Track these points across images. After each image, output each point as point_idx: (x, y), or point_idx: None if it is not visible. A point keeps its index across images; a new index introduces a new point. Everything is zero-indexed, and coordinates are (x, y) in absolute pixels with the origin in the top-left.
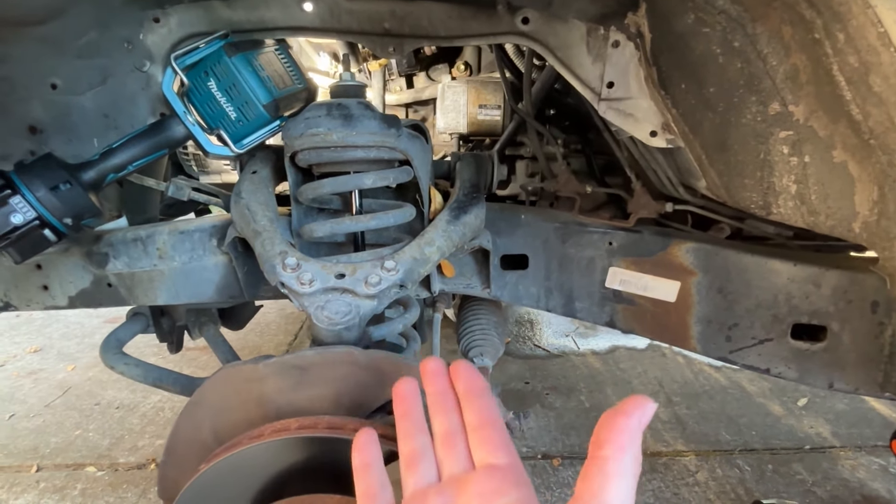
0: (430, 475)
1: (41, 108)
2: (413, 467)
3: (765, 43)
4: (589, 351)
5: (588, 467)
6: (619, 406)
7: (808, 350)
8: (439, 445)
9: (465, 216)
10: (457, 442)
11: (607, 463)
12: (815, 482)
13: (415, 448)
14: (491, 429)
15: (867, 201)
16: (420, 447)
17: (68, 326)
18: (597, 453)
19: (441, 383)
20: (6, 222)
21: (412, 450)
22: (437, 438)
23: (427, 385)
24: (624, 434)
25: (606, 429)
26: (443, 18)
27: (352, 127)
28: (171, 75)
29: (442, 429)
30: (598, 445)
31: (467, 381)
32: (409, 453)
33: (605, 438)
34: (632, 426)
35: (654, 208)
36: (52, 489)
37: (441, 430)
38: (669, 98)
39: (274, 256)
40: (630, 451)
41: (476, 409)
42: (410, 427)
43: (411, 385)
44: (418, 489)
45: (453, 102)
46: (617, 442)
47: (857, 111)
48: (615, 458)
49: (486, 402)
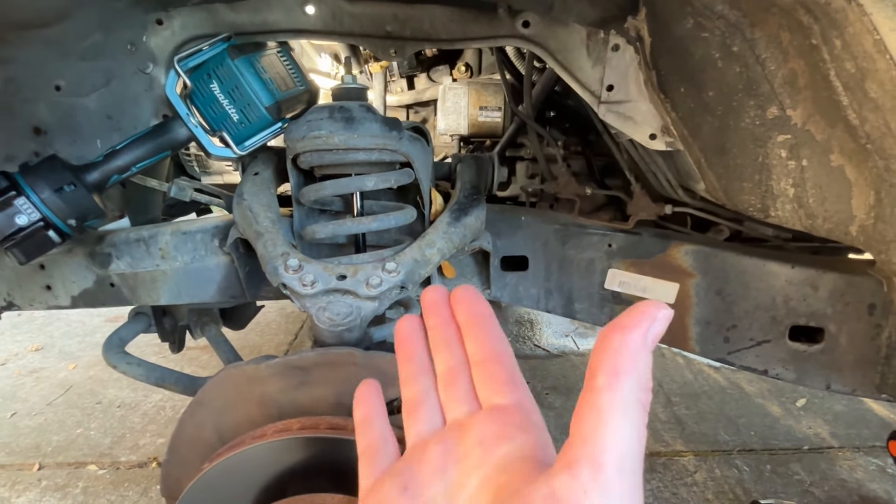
0: (433, 421)
1: (45, 110)
2: (414, 414)
3: (763, 48)
4: (588, 351)
5: (580, 402)
6: (620, 318)
7: (806, 352)
8: (441, 386)
9: (465, 218)
10: (460, 380)
11: (601, 395)
12: (813, 482)
13: (417, 393)
14: (494, 363)
15: (864, 205)
16: (422, 391)
17: (69, 325)
18: (590, 383)
19: (443, 314)
20: (11, 223)
21: (414, 395)
22: (440, 378)
23: (427, 318)
24: (621, 355)
25: (600, 349)
26: (444, 22)
27: (354, 130)
28: (174, 77)
29: (444, 367)
30: (591, 372)
31: (469, 307)
32: (410, 399)
33: (598, 362)
34: (632, 343)
35: (654, 210)
36: (54, 487)
37: (443, 368)
38: (669, 101)
39: (276, 258)
40: (631, 378)
41: (477, 341)
42: (412, 370)
43: (413, 323)
44: (419, 439)
45: (454, 104)
46: (612, 366)
47: (853, 116)
48: (611, 387)
49: (489, 332)
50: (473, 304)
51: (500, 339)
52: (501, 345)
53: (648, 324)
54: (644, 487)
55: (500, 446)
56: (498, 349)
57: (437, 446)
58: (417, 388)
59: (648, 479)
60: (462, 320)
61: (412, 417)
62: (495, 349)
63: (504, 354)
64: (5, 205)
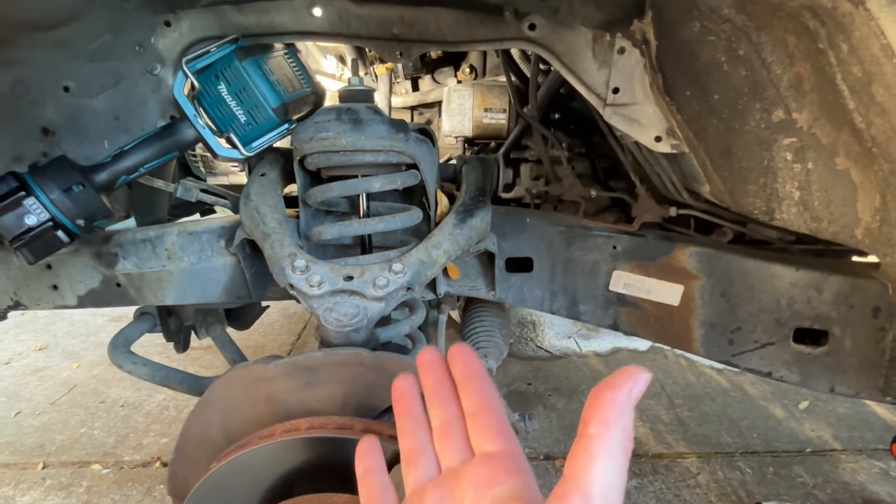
0: (430, 470)
1: (54, 111)
2: (412, 464)
3: (769, 51)
4: (591, 352)
5: (574, 447)
6: (608, 379)
7: (810, 354)
8: (437, 438)
9: (471, 219)
10: (454, 432)
11: (592, 441)
12: (816, 485)
13: (414, 445)
14: (486, 414)
15: (869, 208)
16: (419, 443)
17: (73, 324)
18: (583, 431)
19: (436, 373)
20: (20, 223)
21: (411, 447)
22: (435, 431)
23: (422, 377)
24: (611, 409)
25: (593, 405)
26: (450, 24)
27: (361, 131)
28: (181, 79)
29: (438, 420)
30: (584, 423)
31: (463, 365)
32: (408, 451)
33: (590, 415)
34: (620, 400)
35: (658, 213)
36: (58, 486)
37: (437, 421)
38: (674, 104)
39: (283, 258)
40: (617, 428)
41: (472, 395)
42: (409, 424)
43: (408, 381)
44: (417, 486)
45: (459, 106)
46: (603, 418)
47: (859, 120)
48: (601, 434)
49: (482, 387)
50: (468, 362)
51: (491, 394)
52: (493, 398)
53: (632, 384)
54: (647, 489)
55: (492, 489)
56: (490, 402)
57: (435, 492)
58: (414, 441)
59: (651, 480)
60: (458, 376)
61: (410, 467)
62: (487, 402)
63: (495, 407)
64: (15, 205)
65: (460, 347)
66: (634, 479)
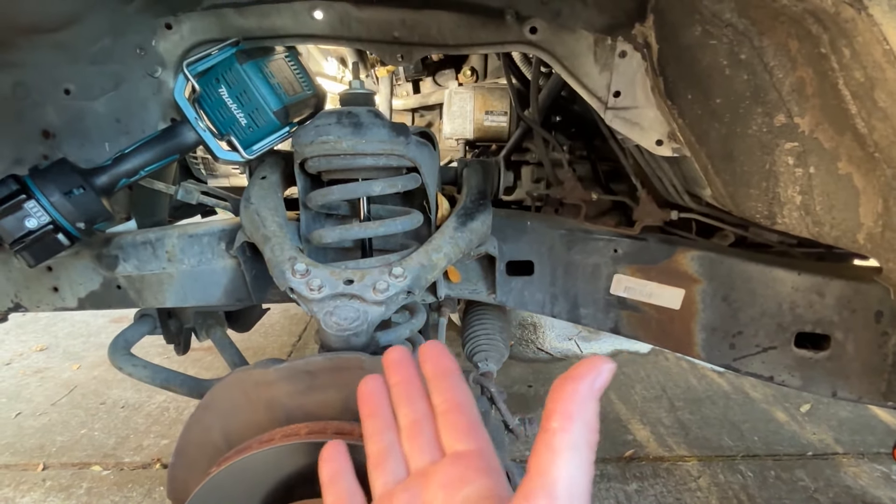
0: (398, 473)
1: (55, 113)
2: (380, 467)
3: (771, 56)
4: (592, 355)
5: (537, 442)
6: (571, 370)
7: (812, 358)
8: (405, 438)
9: (472, 223)
10: (422, 431)
11: (555, 436)
12: (817, 489)
13: (381, 446)
14: (457, 412)
15: (872, 213)
16: (386, 444)
17: (74, 325)
18: (546, 426)
19: (403, 372)
20: (21, 226)
21: (378, 449)
22: (403, 431)
23: (389, 376)
24: (572, 401)
25: (555, 397)
26: (451, 27)
27: (361, 135)
28: (182, 81)
29: (406, 420)
30: (547, 417)
31: (434, 362)
32: (375, 453)
33: (553, 408)
34: (581, 392)
35: (660, 216)
36: (59, 488)
37: (405, 421)
38: (676, 108)
39: (283, 262)
40: (580, 421)
41: (442, 392)
42: (375, 426)
43: (374, 382)
44: (385, 490)
45: (460, 108)
46: (566, 411)
47: (862, 125)
48: (563, 429)
49: (453, 384)
50: (440, 359)
51: (463, 391)
52: (464, 396)
53: (594, 375)
54: (648, 493)
55: (462, 489)
56: (460, 400)
57: (403, 495)
58: (381, 442)
59: (652, 483)
60: (428, 373)
61: (378, 470)
62: (458, 400)
63: (466, 405)
64: (15, 208)
65: (432, 345)
66: (635, 482)
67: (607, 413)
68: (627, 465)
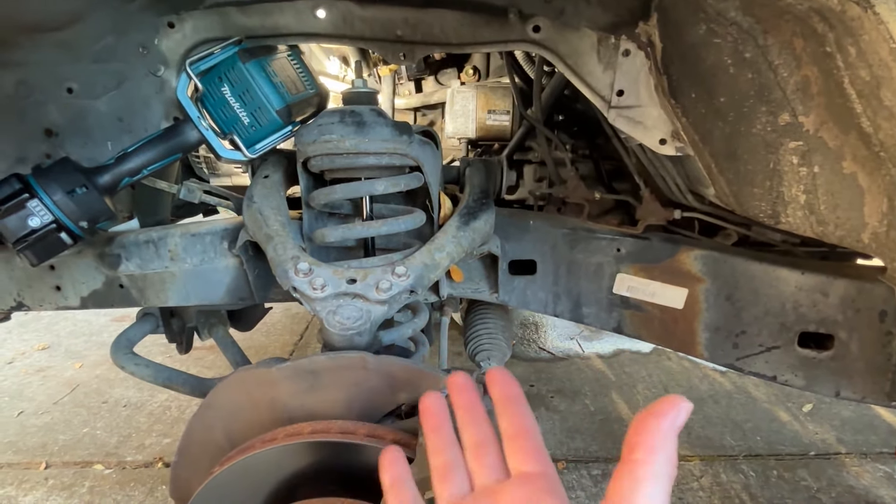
0: (462, 487)
1: (57, 112)
2: (446, 479)
3: (776, 54)
4: (594, 354)
5: (619, 470)
6: (652, 407)
7: (816, 358)
8: (471, 457)
9: (474, 222)
10: (488, 452)
11: (638, 466)
12: (820, 488)
13: (446, 460)
14: (525, 437)
15: (876, 212)
16: (451, 459)
17: (76, 324)
18: (629, 457)
19: (468, 397)
20: (23, 225)
21: (444, 462)
22: (468, 450)
23: (455, 399)
24: (656, 436)
25: (638, 431)
26: (454, 26)
27: (364, 134)
28: (185, 80)
29: (472, 440)
30: (630, 449)
31: (503, 387)
32: (441, 466)
33: (636, 441)
34: (664, 427)
35: (663, 215)
36: (61, 486)
37: (471, 441)
38: (679, 107)
39: (286, 261)
40: (663, 454)
41: (510, 417)
42: (441, 440)
43: (437, 399)
44: (452, 500)
45: (462, 107)
46: (648, 444)
47: (867, 124)
48: (647, 461)
49: (521, 410)
50: (507, 385)
51: (529, 417)
52: (531, 422)
53: (676, 412)
54: None
55: None
56: (528, 425)
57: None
58: (447, 456)
59: None
60: (497, 397)
61: (444, 482)
62: (525, 425)
63: (533, 430)
64: (18, 207)
65: (499, 371)
66: None
67: (609, 412)
68: None
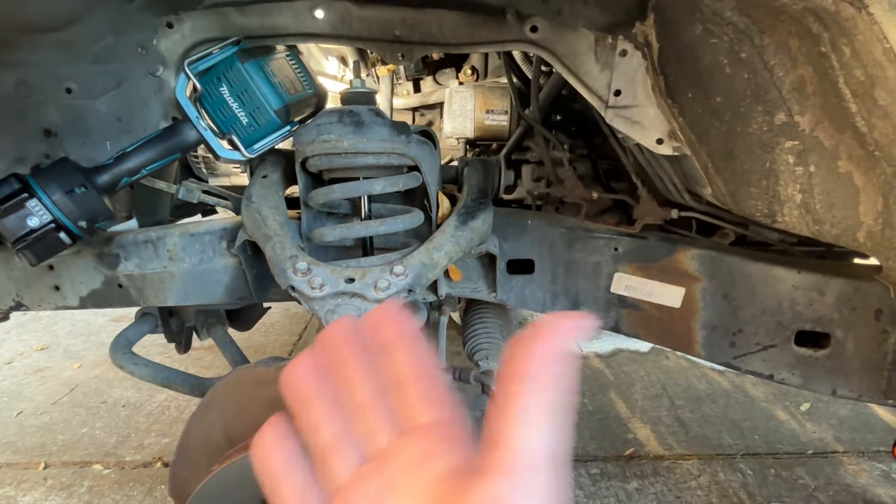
0: (351, 462)
1: (56, 112)
2: (328, 463)
3: (772, 54)
4: (592, 353)
5: (488, 409)
6: (528, 329)
7: (812, 357)
8: (356, 422)
9: (472, 221)
10: (373, 412)
11: (508, 400)
12: (817, 487)
13: (325, 440)
14: (412, 384)
15: (872, 211)
16: (331, 436)
17: (74, 324)
18: (499, 392)
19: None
20: (22, 225)
21: (322, 443)
22: (352, 415)
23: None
24: (529, 362)
25: (509, 361)
26: (452, 26)
27: (363, 134)
28: (183, 80)
29: (354, 401)
30: (500, 382)
31: (382, 332)
32: (320, 449)
33: (506, 373)
34: (540, 351)
35: (660, 214)
36: (60, 486)
37: (353, 403)
38: (676, 107)
39: (285, 260)
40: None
41: (395, 364)
42: (313, 414)
43: (302, 367)
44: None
45: (461, 107)
46: (519, 374)
47: (862, 123)
48: (518, 392)
49: (405, 352)
50: (385, 326)
51: (419, 358)
52: (420, 364)
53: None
54: (648, 491)
55: (427, 466)
56: (416, 369)
57: (361, 486)
58: (325, 435)
59: (652, 482)
60: (378, 346)
61: (326, 467)
62: (413, 369)
63: (426, 372)
64: (17, 207)
65: (379, 310)
66: (635, 480)
67: (608, 412)
68: (628, 464)
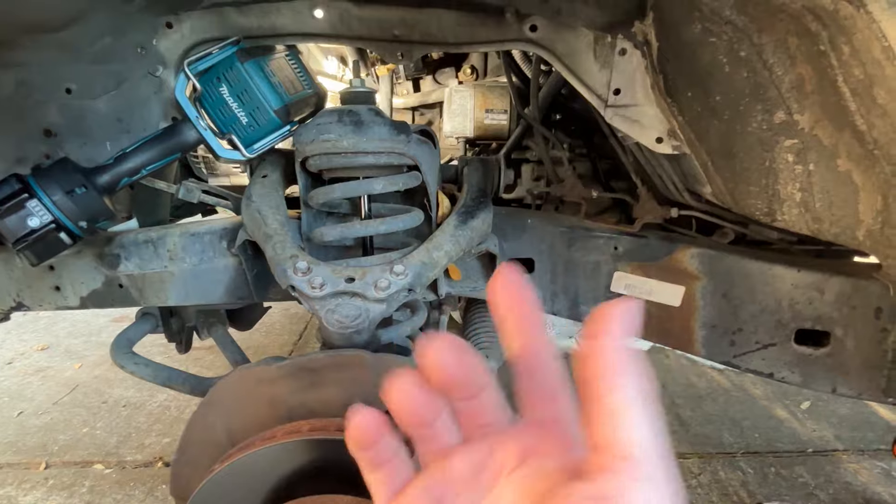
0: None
1: (56, 112)
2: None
3: (770, 53)
4: None
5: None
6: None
7: (812, 355)
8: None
9: (472, 221)
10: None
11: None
12: (817, 485)
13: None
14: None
15: (871, 210)
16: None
17: (75, 325)
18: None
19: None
20: (23, 225)
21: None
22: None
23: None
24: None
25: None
26: (452, 25)
27: (362, 133)
28: (183, 80)
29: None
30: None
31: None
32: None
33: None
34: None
35: (660, 213)
36: (61, 486)
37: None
38: (675, 105)
39: (285, 260)
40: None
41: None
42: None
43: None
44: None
45: (460, 107)
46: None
47: (861, 122)
48: (614, 387)
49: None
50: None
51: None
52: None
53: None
54: None
55: (536, 458)
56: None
57: (465, 458)
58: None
59: None
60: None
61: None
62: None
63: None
64: (17, 207)
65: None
66: None
67: None
68: None
